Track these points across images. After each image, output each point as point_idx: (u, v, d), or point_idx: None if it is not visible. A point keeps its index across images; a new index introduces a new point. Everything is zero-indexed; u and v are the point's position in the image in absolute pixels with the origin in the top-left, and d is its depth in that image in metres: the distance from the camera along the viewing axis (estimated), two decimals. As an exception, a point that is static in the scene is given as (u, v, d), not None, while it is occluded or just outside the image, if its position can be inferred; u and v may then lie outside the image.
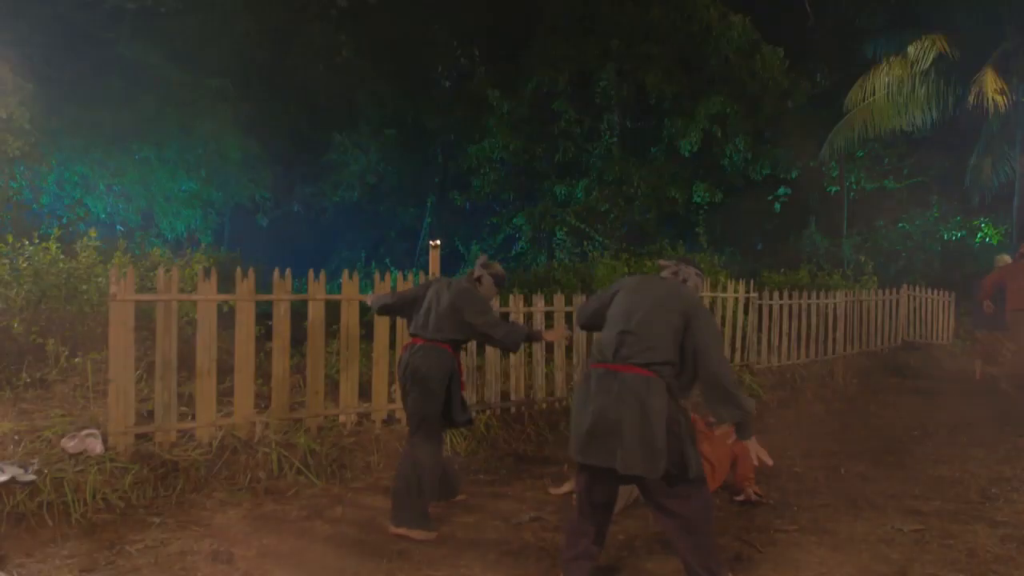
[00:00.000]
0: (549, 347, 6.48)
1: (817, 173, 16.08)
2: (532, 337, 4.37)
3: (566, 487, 4.86)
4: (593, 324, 3.44)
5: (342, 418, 5.38)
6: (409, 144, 18.52)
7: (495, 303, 5.66)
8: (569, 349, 6.66)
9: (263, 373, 5.25)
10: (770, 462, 3.17)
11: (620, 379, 3.05)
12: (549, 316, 6.61)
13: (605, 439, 3.03)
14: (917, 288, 11.48)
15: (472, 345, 6.08)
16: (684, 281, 3.39)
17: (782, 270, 10.93)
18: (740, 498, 4.63)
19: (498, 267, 4.56)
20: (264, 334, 5.46)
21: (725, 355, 3.23)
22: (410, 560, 3.71)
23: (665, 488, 3.07)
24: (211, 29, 12.40)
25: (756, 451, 3.19)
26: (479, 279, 4.44)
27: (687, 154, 15.08)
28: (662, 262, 3.57)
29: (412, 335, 4.33)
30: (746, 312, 8.48)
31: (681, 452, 3.03)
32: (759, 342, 8.66)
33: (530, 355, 6.43)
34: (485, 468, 5.34)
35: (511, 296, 6.38)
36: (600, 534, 3.31)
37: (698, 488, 3.12)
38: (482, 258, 4.57)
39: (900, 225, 16.41)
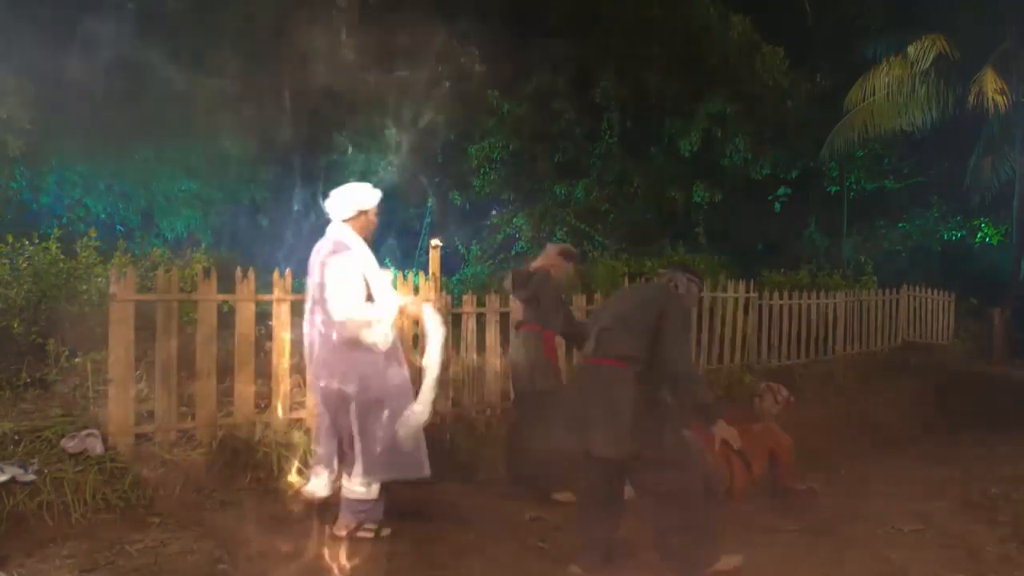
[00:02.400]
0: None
1: (817, 173, 16.06)
2: None
3: (566, 495, 4.85)
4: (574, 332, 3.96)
5: (342, 418, 5.36)
6: (409, 143, 18.48)
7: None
8: (569, 349, 6.65)
9: (263, 373, 5.25)
10: (737, 444, 3.49)
11: (595, 370, 3.40)
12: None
13: (580, 425, 3.36)
14: (917, 288, 11.46)
15: (472, 342, 6.11)
16: (676, 286, 3.67)
17: (782, 270, 10.91)
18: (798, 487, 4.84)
19: (566, 247, 5.21)
20: (264, 334, 5.46)
21: (687, 350, 3.62)
22: (410, 560, 3.71)
23: (645, 470, 3.34)
24: (212, 29, 12.38)
25: (724, 433, 3.43)
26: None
27: (687, 154, 15.05)
28: (661, 271, 3.96)
29: None
30: (746, 312, 8.47)
31: (658, 434, 3.29)
32: (759, 342, 8.64)
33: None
34: (485, 468, 5.33)
35: (511, 296, 6.36)
36: (603, 522, 3.54)
37: (681, 471, 3.34)
38: (556, 246, 5.18)
39: (900, 225, 16.40)
